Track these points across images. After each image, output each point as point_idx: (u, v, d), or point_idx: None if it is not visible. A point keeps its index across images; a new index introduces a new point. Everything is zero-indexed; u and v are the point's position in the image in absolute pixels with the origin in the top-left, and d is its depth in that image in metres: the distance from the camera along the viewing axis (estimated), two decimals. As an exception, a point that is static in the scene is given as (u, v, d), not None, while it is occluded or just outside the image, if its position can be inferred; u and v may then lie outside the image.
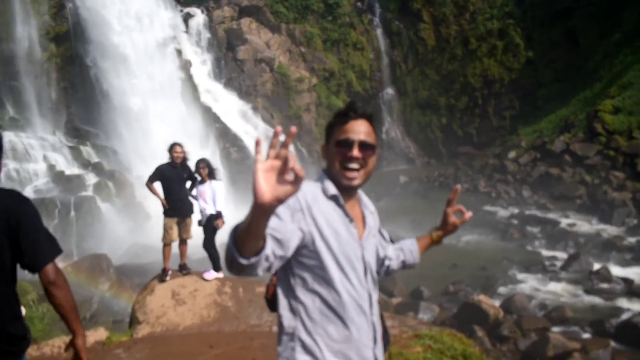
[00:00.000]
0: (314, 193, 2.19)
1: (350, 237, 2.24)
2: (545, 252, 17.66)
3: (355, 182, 2.25)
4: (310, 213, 2.12)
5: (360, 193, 2.43)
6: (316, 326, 2.18)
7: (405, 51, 34.32)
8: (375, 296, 2.36)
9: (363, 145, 2.24)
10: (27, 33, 25.22)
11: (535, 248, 18.32)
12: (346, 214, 2.26)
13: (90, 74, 25.59)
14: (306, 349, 2.17)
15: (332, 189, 2.24)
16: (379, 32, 34.52)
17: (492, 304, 12.35)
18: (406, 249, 2.77)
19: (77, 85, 26.25)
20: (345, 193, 2.29)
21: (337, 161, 2.25)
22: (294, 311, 2.19)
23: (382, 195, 24.86)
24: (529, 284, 15.15)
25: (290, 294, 2.20)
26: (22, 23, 25.10)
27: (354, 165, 2.23)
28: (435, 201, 24.73)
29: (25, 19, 25.03)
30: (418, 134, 34.15)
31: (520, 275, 15.69)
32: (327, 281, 2.17)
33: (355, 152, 2.22)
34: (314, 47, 31.89)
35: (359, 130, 2.24)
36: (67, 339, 7.03)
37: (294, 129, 1.67)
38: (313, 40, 31.97)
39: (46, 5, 25.73)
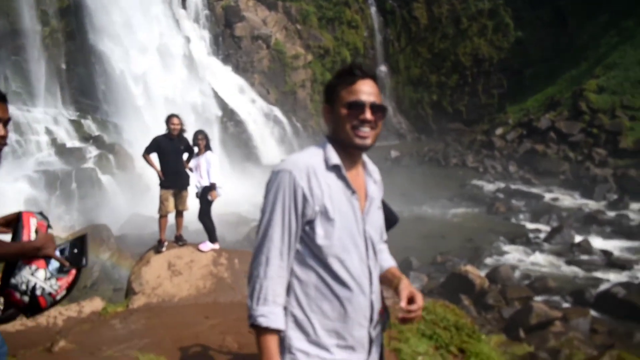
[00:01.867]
0: (312, 166, 2.07)
1: (352, 212, 2.11)
2: (530, 225, 17.91)
3: (368, 142, 2.12)
4: (311, 193, 2.03)
5: (366, 159, 2.30)
6: (311, 302, 2.06)
7: (399, 30, 34.32)
8: (376, 273, 2.21)
9: (374, 108, 2.11)
10: (29, 7, 24.84)
11: (519, 221, 18.46)
12: (348, 186, 2.12)
13: (91, 48, 25.51)
14: (298, 325, 2.06)
15: (334, 158, 2.11)
16: (372, 10, 34.46)
17: (478, 274, 12.47)
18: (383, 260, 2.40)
19: (78, 60, 26.01)
20: (350, 159, 2.17)
21: (347, 124, 2.10)
22: (288, 284, 2.08)
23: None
24: (513, 255, 15.36)
25: None
26: (24, -3, 24.56)
27: (366, 129, 2.10)
28: (425, 175, 25.30)
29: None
30: (409, 111, 34.35)
31: (505, 247, 15.81)
32: (325, 257, 2.05)
33: (368, 114, 2.10)
34: (310, 24, 31.84)
35: (369, 91, 2.12)
36: (63, 309, 6.94)
37: None
38: (309, 18, 31.89)
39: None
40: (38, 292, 2.31)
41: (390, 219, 3.32)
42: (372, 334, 2.17)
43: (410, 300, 2.13)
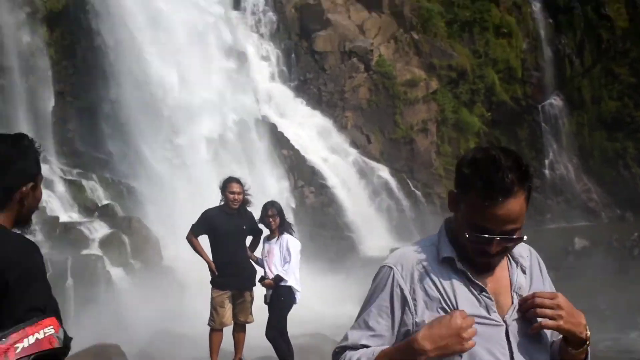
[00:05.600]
0: (422, 261, 1.95)
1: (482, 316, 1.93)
2: None
3: (494, 265, 1.96)
4: (414, 297, 1.91)
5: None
6: None
7: (580, 38, 29.00)
8: None
9: (505, 237, 1.91)
10: (15, 14, 20.72)
11: None
12: (471, 281, 1.92)
13: (99, 72, 20.99)
14: None
15: (446, 250, 1.95)
16: (536, 8, 29.18)
17: None
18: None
19: (78, 89, 21.82)
20: None
21: (469, 244, 1.91)
22: None
23: (545, 266, 21.45)
24: None
25: None
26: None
27: (489, 259, 1.93)
28: (635, 280, 19.76)
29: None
30: (603, 170, 28.05)
31: None
32: None
33: (494, 248, 1.89)
34: (434, 32, 26.86)
35: (505, 218, 1.84)
36: None
37: None
38: (432, 22, 26.73)
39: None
40: None
41: None
42: None
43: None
